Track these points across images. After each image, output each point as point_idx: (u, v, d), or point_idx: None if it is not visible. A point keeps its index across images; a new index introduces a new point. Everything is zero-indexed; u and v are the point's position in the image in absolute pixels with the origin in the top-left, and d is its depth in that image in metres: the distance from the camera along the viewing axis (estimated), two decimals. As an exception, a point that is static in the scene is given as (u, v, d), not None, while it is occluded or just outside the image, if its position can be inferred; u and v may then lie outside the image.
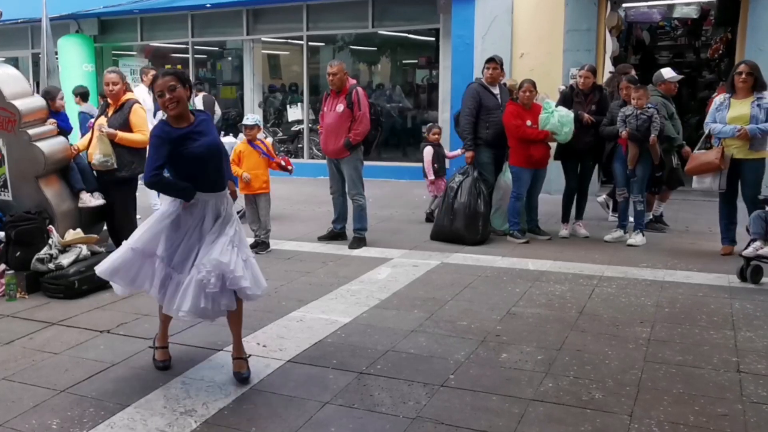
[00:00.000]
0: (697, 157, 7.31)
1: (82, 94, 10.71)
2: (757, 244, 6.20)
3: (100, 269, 4.36)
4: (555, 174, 8.78)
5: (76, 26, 16.22)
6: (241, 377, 4.22)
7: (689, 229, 8.79)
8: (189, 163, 4.13)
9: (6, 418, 3.76)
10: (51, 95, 7.77)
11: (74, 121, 9.72)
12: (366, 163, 8.10)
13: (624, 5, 12.18)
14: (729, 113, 7.01)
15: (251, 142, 7.64)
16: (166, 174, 4.25)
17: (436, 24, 13.46)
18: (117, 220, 6.82)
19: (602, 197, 9.31)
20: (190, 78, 4.22)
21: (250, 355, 4.39)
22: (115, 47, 17.16)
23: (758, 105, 6.86)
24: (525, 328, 5.14)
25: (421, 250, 7.71)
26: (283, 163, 7.82)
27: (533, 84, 7.98)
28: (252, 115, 7.91)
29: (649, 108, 7.56)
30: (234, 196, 4.51)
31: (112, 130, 6.50)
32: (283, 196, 8.77)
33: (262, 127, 7.95)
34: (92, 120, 6.90)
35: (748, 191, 7.05)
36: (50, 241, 6.19)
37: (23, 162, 6.50)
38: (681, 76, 8.66)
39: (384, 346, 4.76)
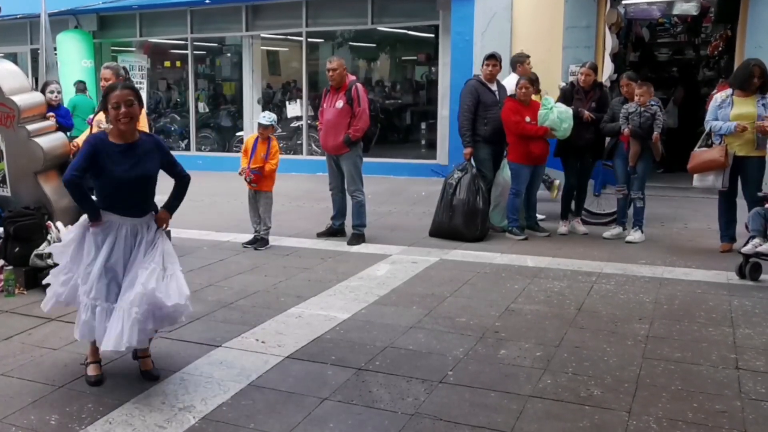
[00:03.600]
0: (698, 155, 7.25)
1: None
2: (756, 241, 6.20)
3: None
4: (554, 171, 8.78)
5: (75, 22, 16.18)
6: (148, 375, 4.22)
7: (688, 226, 8.79)
8: (109, 181, 4.09)
9: (4, 413, 3.76)
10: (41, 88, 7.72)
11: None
12: (365, 159, 8.09)
13: (623, 2, 12.15)
14: (733, 111, 6.99)
15: (259, 139, 7.62)
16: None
17: (435, 20, 13.44)
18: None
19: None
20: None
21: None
22: (114, 43, 17.12)
23: (763, 104, 6.85)
24: (524, 324, 5.14)
25: (419, 246, 7.71)
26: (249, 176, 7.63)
27: (530, 81, 7.97)
28: (268, 115, 7.84)
29: (651, 105, 7.56)
30: (159, 224, 4.23)
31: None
32: (281, 193, 8.75)
33: (276, 127, 7.90)
34: (91, 116, 6.89)
35: (749, 189, 7.04)
36: (49, 237, 6.19)
37: (22, 158, 6.49)
38: None
39: (383, 343, 4.76)
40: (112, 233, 4.10)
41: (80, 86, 12.92)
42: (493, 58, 8.31)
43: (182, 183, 4.39)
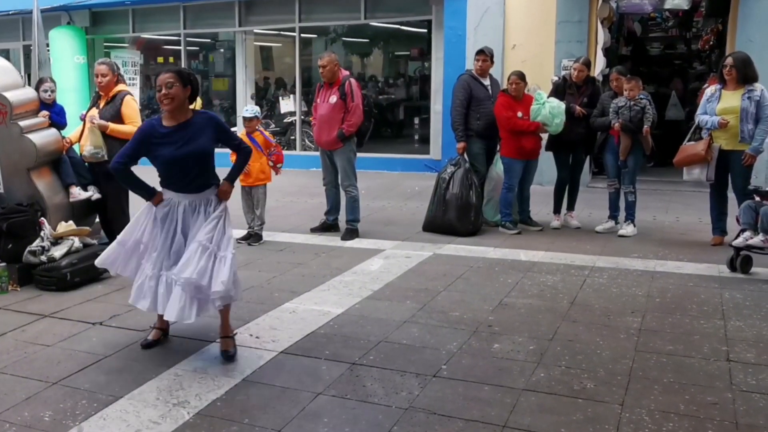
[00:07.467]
0: (685, 149, 7.36)
1: None
2: (747, 234, 6.23)
3: (99, 260, 4.73)
4: (547, 165, 8.80)
5: (67, 18, 16.12)
6: (228, 355, 4.40)
7: (680, 219, 8.83)
8: (160, 163, 4.37)
9: (-1, 410, 3.76)
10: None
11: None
12: (359, 154, 8.10)
13: (615, -4, 12.18)
14: (719, 105, 7.04)
15: (250, 134, 7.62)
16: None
17: (428, 15, 13.42)
18: (109, 213, 6.82)
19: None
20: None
21: (236, 333, 4.64)
22: (106, 39, 17.05)
23: (748, 97, 6.89)
24: (517, 318, 5.16)
25: (413, 241, 7.72)
26: (271, 163, 7.75)
27: (519, 76, 7.95)
28: (251, 107, 7.88)
29: (641, 99, 7.58)
30: (223, 197, 4.50)
31: (103, 122, 6.49)
32: (275, 188, 8.74)
33: (261, 119, 7.92)
34: (84, 112, 6.87)
35: (738, 182, 7.10)
36: (42, 234, 6.18)
37: (15, 154, 6.47)
38: None
39: (376, 337, 4.77)
40: (173, 209, 4.40)
41: None
42: (482, 53, 8.32)
43: (242, 155, 4.70)
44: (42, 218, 6.30)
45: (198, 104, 6.51)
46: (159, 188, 4.51)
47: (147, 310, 4.53)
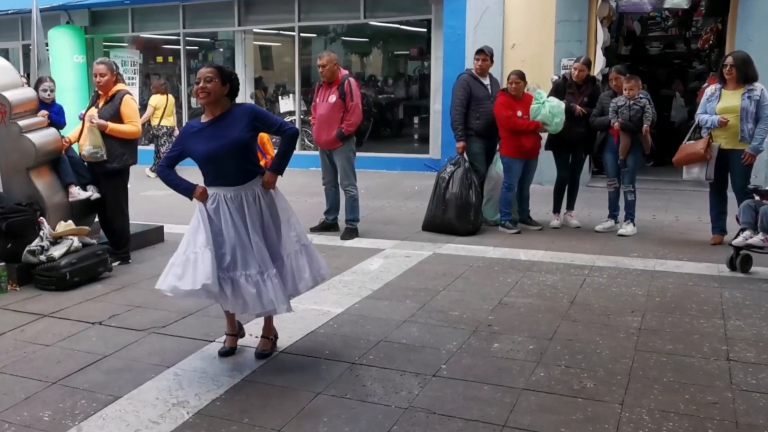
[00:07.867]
0: (684, 148, 7.36)
1: None
2: (747, 233, 6.22)
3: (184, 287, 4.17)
4: (546, 164, 8.80)
5: (66, 17, 16.11)
6: (263, 355, 4.46)
7: (679, 218, 8.82)
8: (196, 159, 4.30)
9: (-2, 410, 3.76)
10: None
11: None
12: (358, 154, 8.09)
13: (615, -4, 12.18)
14: (719, 104, 7.04)
15: None
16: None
17: (427, 15, 13.42)
18: (108, 212, 6.81)
19: None
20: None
21: (277, 337, 4.63)
22: (106, 38, 17.05)
23: (748, 97, 6.89)
24: (517, 317, 5.16)
25: (413, 240, 7.71)
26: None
27: (519, 75, 7.95)
28: None
29: (641, 98, 7.57)
30: (267, 188, 4.35)
31: (102, 122, 6.48)
32: (275, 188, 8.78)
33: None
34: (83, 111, 6.87)
35: (738, 181, 7.10)
36: (41, 233, 6.17)
37: (14, 154, 6.47)
38: None
39: (376, 337, 4.77)
40: (221, 204, 4.26)
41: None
42: (482, 53, 8.32)
43: (286, 138, 4.43)
44: (41, 218, 6.30)
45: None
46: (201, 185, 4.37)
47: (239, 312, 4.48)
